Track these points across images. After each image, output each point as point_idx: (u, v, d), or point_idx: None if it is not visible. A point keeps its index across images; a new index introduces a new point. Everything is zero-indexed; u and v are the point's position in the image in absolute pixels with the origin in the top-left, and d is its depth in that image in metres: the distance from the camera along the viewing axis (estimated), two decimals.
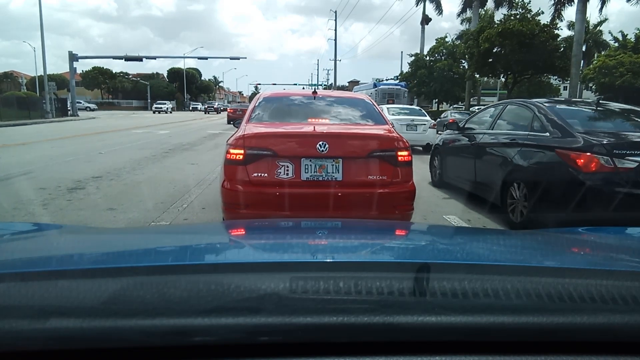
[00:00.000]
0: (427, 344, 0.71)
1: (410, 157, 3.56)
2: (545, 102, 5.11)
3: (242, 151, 3.34)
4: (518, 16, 24.74)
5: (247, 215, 3.29)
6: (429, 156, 7.74)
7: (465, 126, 6.43)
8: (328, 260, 1.02)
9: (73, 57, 36.21)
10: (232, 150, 3.39)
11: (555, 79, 31.77)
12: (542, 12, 24.83)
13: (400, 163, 3.47)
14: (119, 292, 0.75)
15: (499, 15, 28.47)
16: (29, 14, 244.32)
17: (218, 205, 3.71)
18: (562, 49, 24.65)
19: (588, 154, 3.85)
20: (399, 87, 27.34)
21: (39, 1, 29.16)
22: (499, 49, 25.02)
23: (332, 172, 3.36)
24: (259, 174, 3.32)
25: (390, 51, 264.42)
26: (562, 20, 26.29)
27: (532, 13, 24.67)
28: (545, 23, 24.42)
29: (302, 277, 0.78)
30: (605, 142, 3.87)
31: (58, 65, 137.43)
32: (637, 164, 3.68)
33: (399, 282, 0.77)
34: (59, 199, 5.46)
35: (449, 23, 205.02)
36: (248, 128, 3.64)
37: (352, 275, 0.79)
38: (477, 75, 30.46)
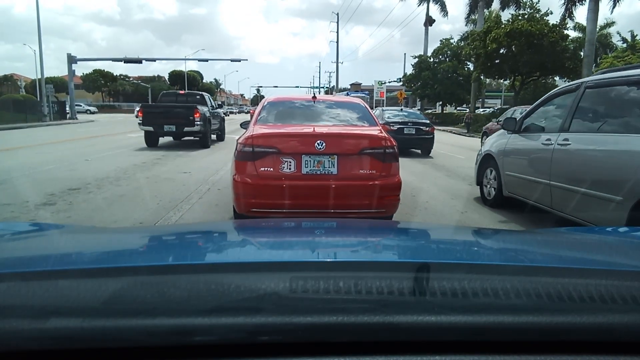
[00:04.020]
0: (427, 344, 0.70)
1: (397, 155, 3.94)
2: (384, 108, 16.87)
3: (251, 149, 3.72)
4: (526, 16, 24.05)
5: (255, 203, 3.68)
6: None
7: None
8: (328, 260, 1.03)
9: (72, 60, 35.66)
10: (242, 148, 3.77)
11: (565, 80, 31.08)
12: (551, 12, 24.16)
13: (388, 159, 3.85)
14: (119, 292, 0.74)
15: (505, 16, 27.81)
16: (31, 17, 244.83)
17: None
18: (572, 49, 23.95)
19: (385, 125, 11.14)
20: (364, 94, 39.06)
21: (37, 3, 28.76)
22: (506, 50, 24.35)
23: (329, 167, 3.75)
24: (266, 169, 3.72)
25: (392, 53, 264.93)
26: (573, 20, 25.62)
27: (541, 13, 23.99)
28: (555, 23, 23.70)
29: (302, 277, 0.77)
30: (389, 121, 12.79)
31: (60, 69, 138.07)
32: (397, 127, 12.51)
33: (399, 282, 0.76)
34: (21, 218, 4.76)
35: (450, 25, 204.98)
36: (256, 129, 4.01)
37: (352, 275, 0.79)
38: (483, 77, 29.83)
